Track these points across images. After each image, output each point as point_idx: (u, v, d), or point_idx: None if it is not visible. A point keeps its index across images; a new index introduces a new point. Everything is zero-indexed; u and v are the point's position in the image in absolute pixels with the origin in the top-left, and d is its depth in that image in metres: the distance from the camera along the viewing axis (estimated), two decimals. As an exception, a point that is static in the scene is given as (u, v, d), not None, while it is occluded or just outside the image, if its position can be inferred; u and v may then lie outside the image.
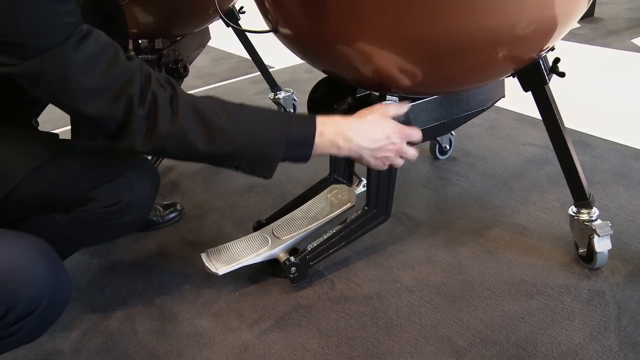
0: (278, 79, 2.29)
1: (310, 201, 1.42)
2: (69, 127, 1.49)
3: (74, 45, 0.84)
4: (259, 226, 1.43)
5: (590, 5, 1.33)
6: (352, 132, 1.05)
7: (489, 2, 0.93)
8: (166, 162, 1.94)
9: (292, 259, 1.29)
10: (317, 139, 1.02)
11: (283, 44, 1.18)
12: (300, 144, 1.02)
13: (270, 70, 2.27)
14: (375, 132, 1.08)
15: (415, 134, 1.14)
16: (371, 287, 1.30)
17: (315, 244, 1.30)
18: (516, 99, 1.45)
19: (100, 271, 1.44)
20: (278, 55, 2.88)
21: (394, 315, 1.21)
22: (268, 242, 1.33)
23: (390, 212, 1.33)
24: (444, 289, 1.28)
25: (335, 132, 1.04)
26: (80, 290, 1.37)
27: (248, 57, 2.26)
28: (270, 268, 1.37)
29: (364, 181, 1.38)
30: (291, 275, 1.30)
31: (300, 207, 1.42)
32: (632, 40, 2.98)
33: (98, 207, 1.06)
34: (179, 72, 1.85)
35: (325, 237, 1.30)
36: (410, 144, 1.14)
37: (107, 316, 1.28)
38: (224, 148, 0.97)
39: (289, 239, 1.33)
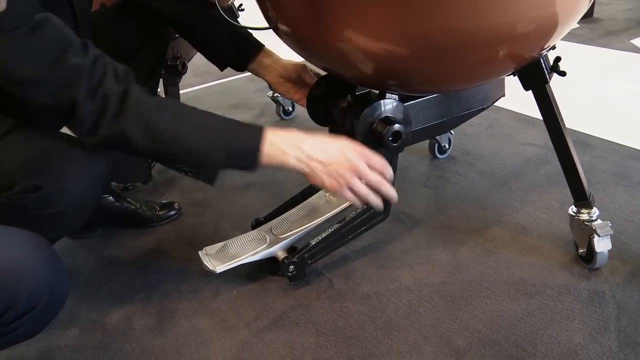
0: (277, 77, 2.28)
1: (309, 199, 1.42)
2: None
3: (23, 34, 0.86)
4: (257, 224, 1.42)
5: (590, 6, 1.32)
6: (304, 143, 1.05)
7: (491, 0, 0.93)
8: (164, 159, 1.93)
9: (291, 257, 1.28)
10: (267, 148, 1.02)
11: (282, 40, 1.17)
12: (244, 153, 1.02)
13: (269, 68, 2.26)
14: (328, 146, 1.06)
15: (378, 158, 1.10)
16: (370, 286, 1.30)
17: (313, 243, 1.29)
18: (515, 98, 1.45)
19: (97, 268, 1.43)
20: (276, 53, 2.87)
21: (393, 315, 1.21)
22: (266, 240, 1.32)
23: (389, 211, 1.32)
24: (443, 288, 1.27)
25: (286, 142, 1.04)
26: (77, 288, 1.36)
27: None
28: (268, 266, 1.36)
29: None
30: (289, 274, 1.29)
31: (298, 205, 1.41)
32: (631, 41, 2.98)
33: (18, 191, 1.01)
34: (178, 69, 1.84)
35: (323, 235, 1.30)
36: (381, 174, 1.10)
37: (104, 314, 1.27)
38: (165, 150, 0.99)
39: (288, 237, 1.32)
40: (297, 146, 1.04)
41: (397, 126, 1.16)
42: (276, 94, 2.26)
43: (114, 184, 1.73)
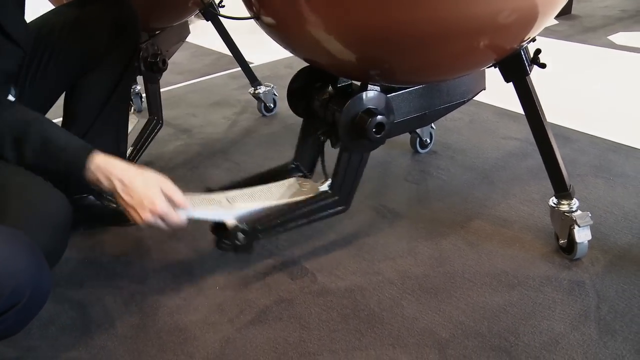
0: (258, 74, 2.28)
1: (271, 184, 1.37)
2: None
3: None
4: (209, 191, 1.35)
5: (568, 3, 1.35)
6: (117, 175, 1.10)
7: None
8: (144, 157, 1.91)
9: (242, 225, 1.23)
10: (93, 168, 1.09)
11: (264, 31, 1.17)
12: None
13: (250, 65, 2.26)
14: (134, 181, 1.10)
15: (179, 195, 1.14)
16: (353, 279, 1.30)
17: (269, 218, 1.25)
18: (496, 92, 1.46)
19: (78, 266, 1.42)
20: (257, 51, 2.86)
21: (376, 308, 1.21)
22: (222, 204, 1.27)
23: (349, 204, 1.30)
24: (425, 281, 1.27)
25: (106, 170, 1.10)
26: (58, 286, 1.34)
27: (227, 53, 2.25)
28: (213, 236, 1.27)
29: (330, 181, 1.34)
30: (237, 242, 1.22)
31: (259, 186, 1.36)
32: (608, 37, 3.01)
33: None
34: (158, 65, 1.83)
35: (280, 213, 1.26)
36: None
37: (85, 311, 1.26)
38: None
39: (244, 208, 1.26)
40: (110, 176, 1.10)
41: (379, 118, 1.16)
42: (257, 91, 2.25)
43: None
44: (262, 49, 2.84)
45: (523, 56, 1.20)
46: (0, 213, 1.02)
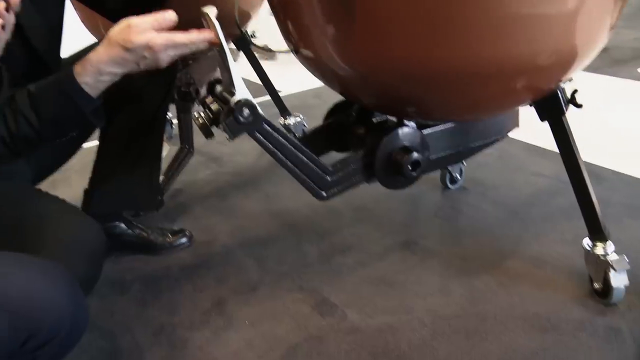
0: (286, 104, 2.30)
1: None
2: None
3: None
4: None
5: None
6: (94, 62, 0.98)
7: (514, 30, 0.94)
8: (175, 186, 1.93)
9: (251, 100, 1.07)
10: (80, 79, 0.98)
11: (302, 64, 1.18)
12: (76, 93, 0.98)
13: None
14: (105, 54, 0.98)
15: (141, 22, 0.97)
16: (383, 318, 1.28)
17: (274, 129, 1.15)
18: (524, 128, 1.44)
19: (108, 295, 1.42)
20: (285, 80, 2.88)
21: (406, 348, 1.19)
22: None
23: (327, 198, 1.22)
24: (457, 322, 1.26)
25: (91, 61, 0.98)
26: (89, 315, 1.35)
27: (255, 81, 2.26)
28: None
29: None
30: (240, 118, 1.08)
31: None
32: (639, 70, 2.99)
33: None
34: (191, 95, 1.85)
35: (283, 135, 1.15)
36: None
37: (115, 341, 1.27)
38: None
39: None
40: (100, 67, 0.98)
41: (416, 155, 1.15)
42: (287, 121, 2.26)
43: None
44: (289, 78, 2.86)
45: (560, 96, 1.20)
46: (37, 241, 1.04)
